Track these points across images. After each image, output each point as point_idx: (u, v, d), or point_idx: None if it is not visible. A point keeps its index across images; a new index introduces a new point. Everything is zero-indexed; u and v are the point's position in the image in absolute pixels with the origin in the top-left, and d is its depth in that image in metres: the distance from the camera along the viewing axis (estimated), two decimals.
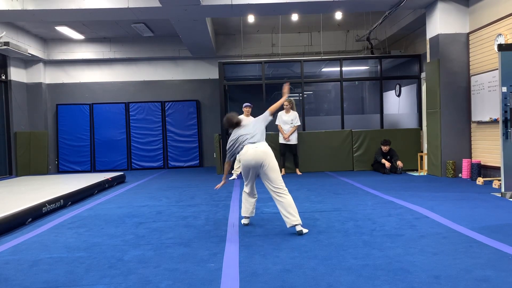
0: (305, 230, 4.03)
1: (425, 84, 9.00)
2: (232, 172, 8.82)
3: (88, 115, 12.30)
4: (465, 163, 7.74)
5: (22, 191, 6.58)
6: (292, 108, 9.19)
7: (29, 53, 10.66)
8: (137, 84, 12.54)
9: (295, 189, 7.02)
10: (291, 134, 9.10)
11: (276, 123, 9.19)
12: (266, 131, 4.54)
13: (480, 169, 7.53)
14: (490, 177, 7.22)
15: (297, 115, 9.20)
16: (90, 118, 12.30)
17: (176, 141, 12.31)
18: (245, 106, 8.59)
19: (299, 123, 9.27)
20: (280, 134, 9.27)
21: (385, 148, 9.01)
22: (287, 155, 9.41)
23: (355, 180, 7.94)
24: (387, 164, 8.82)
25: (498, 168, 6.70)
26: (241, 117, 7.96)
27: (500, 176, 5.93)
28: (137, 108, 12.32)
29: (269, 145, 4.32)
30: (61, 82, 12.45)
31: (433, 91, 8.25)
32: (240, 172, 4.69)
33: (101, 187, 7.42)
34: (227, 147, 4.41)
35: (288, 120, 9.10)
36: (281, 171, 9.50)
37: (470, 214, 4.66)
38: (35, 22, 9.88)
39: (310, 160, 9.65)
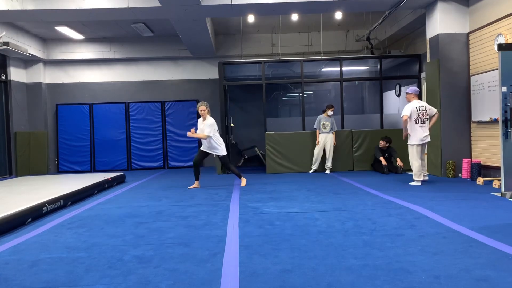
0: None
1: (425, 84, 9.00)
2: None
3: (88, 115, 12.30)
4: (465, 163, 7.74)
5: (22, 191, 6.58)
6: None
7: (29, 53, 10.65)
8: (137, 84, 12.54)
9: (295, 189, 7.02)
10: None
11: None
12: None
13: (480, 169, 7.53)
14: (490, 177, 7.22)
15: (214, 121, 7.44)
16: (90, 118, 12.30)
17: (176, 141, 12.31)
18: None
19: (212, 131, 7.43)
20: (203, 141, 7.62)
21: (382, 144, 9.04)
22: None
23: (355, 180, 7.93)
24: (384, 161, 8.84)
25: (498, 168, 6.69)
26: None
27: (500, 176, 5.92)
28: (137, 108, 12.32)
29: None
30: (61, 82, 12.45)
31: (433, 91, 8.25)
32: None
33: (101, 187, 7.42)
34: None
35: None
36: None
37: (470, 214, 4.66)
38: (35, 22, 9.88)
39: (310, 160, 9.64)
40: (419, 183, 7.03)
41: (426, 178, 7.24)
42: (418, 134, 6.95)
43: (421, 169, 7.07)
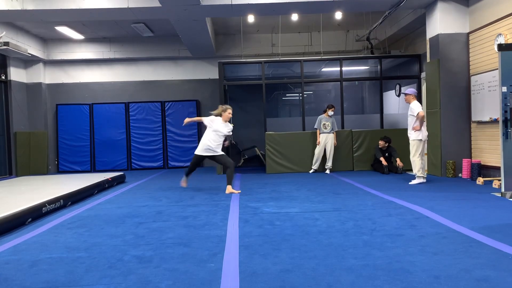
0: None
1: (425, 84, 9.00)
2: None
3: (88, 115, 12.30)
4: (465, 163, 7.74)
5: (22, 191, 6.58)
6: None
7: (29, 53, 10.65)
8: (137, 84, 12.54)
9: (295, 189, 7.02)
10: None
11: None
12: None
13: (480, 169, 7.53)
14: (490, 177, 7.22)
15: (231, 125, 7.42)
16: (90, 118, 12.30)
17: (176, 141, 12.31)
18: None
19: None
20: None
21: (381, 144, 9.07)
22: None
23: (355, 180, 7.93)
24: (384, 161, 8.85)
25: (498, 168, 6.70)
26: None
27: (500, 176, 5.93)
28: (137, 108, 12.32)
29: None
30: (61, 82, 12.45)
31: (433, 91, 8.25)
32: None
33: (101, 187, 7.41)
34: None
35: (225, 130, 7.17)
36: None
37: (470, 214, 4.66)
38: (35, 22, 9.88)
39: (310, 160, 9.64)
40: (423, 180, 7.10)
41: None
42: (424, 131, 7.21)
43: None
